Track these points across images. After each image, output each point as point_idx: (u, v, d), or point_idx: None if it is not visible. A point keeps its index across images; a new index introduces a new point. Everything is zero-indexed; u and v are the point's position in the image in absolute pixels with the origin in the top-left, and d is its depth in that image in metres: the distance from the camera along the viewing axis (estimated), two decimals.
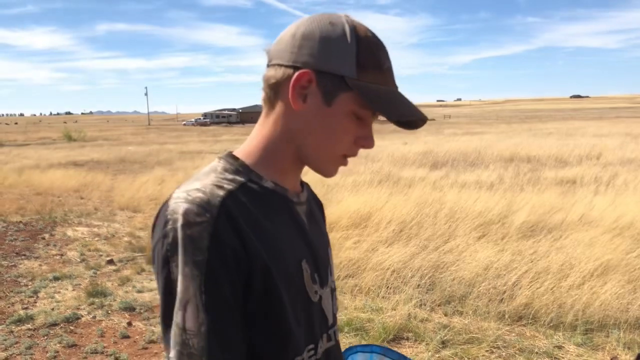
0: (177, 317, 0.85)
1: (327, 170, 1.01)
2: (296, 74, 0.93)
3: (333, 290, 1.11)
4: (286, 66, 0.95)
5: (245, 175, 0.97)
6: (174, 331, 0.85)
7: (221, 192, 0.90)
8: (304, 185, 1.13)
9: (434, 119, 73.08)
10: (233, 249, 0.86)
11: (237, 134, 41.99)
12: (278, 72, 0.96)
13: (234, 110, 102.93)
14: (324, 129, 0.96)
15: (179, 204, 0.87)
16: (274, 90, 0.97)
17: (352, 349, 1.55)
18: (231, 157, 1.00)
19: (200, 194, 0.88)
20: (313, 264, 1.03)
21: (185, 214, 0.85)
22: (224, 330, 0.85)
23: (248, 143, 1.02)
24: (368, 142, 1.00)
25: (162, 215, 0.89)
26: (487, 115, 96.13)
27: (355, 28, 0.94)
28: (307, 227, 1.05)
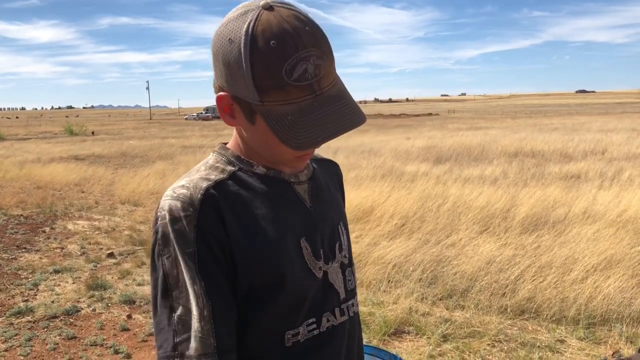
0: (179, 303, 0.91)
1: (289, 167, 1.05)
2: (217, 96, 0.96)
3: (345, 265, 1.12)
4: (216, 84, 0.98)
5: (237, 164, 1.02)
6: (179, 319, 0.91)
7: (205, 184, 0.96)
8: (310, 163, 1.14)
9: (438, 114, 72.93)
10: (218, 238, 0.92)
11: None
12: (215, 86, 0.98)
13: None
14: (259, 141, 0.98)
15: (166, 201, 0.94)
16: None
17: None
18: (223, 148, 1.06)
19: (184, 190, 0.94)
20: (318, 241, 1.05)
21: (171, 210, 0.92)
22: (223, 313, 0.92)
23: (232, 139, 1.07)
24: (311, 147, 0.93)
25: (154, 213, 0.96)
26: (492, 110, 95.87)
27: (253, 39, 0.85)
28: (308, 205, 1.07)
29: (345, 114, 0.90)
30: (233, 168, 1.01)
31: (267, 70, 0.85)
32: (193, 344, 0.89)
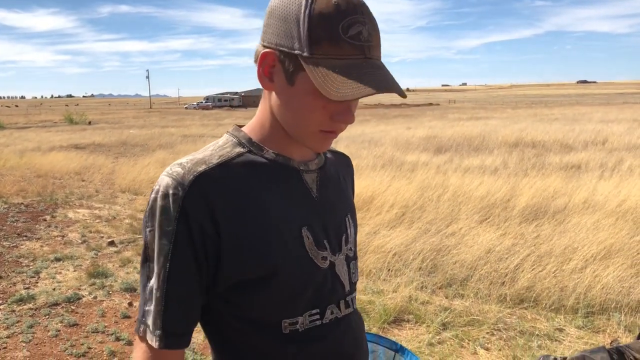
0: (152, 275, 0.94)
1: (311, 145, 1.01)
2: (262, 53, 0.95)
3: (350, 258, 1.11)
4: (261, 45, 0.96)
5: (246, 146, 1.02)
6: (150, 288, 0.94)
7: (201, 168, 0.95)
8: (322, 154, 1.13)
9: (438, 104, 72.77)
10: (200, 224, 0.92)
11: (239, 117, 41.94)
12: (258, 51, 0.97)
13: (236, 93, 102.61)
14: (291, 107, 0.96)
15: (163, 176, 0.95)
16: None
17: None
18: (237, 130, 1.06)
19: (179, 169, 0.94)
20: (321, 231, 1.04)
21: (163, 186, 0.93)
22: (182, 298, 0.94)
23: (254, 119, 1.07)
24: (344, 117, 0.95)
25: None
26: (492, 100, 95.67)
27: None
28: (314, 194, 1.06)
29: (389, 80, 0.90)
30: (242, 149, 1.01)
31: (325, 22, 0.87)
32: (151, 316, 0.94)
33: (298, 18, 0.88)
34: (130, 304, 4.60)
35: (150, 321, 0.93)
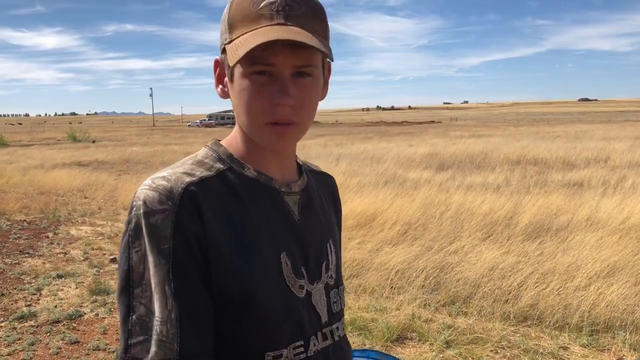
0: (140, 302, 0.85)
1: (264, 142, 0.95)
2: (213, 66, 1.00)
3: (330, 286, 1.05)
4: None
5: (227, 163, 0.97)
6: (137, 319, 0.85)
7: (187, 179, 0.89)
8: (305, 175, 1.08)
9: (440, 122, 72.99)
10: (197, 236, 0.86)
11: None
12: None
13: None
14: (236, 104, 0.94)
15: (142, 190, 0.88)
16: None
17: (356, 352, 1.52)
18: (216, 144, 1.01)
19: (164, 182, 0.88)
20: (300, 258, 0.98)
21: (147, 201, 0.86)
22: (194, 317, 0.85)
23: (235, 129, 1.03)
24: (279, 96, 0.87)
25: (130, 202, 0.89)
26: (494, 118, 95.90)
27: None
28: (296, 218, 1.01)
29: (291, 31, 0.85)
30: (222, 166, 0.95)
31: (239, 5, 0.89)
32: (154, 348, 0.83)
33: (224, 17, 0.92)
34: None
35: (152, 354, 0.83)
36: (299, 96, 0.89)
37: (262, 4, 0.87)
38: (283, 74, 0.87)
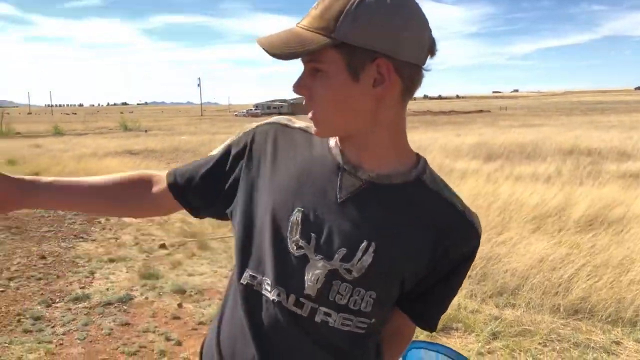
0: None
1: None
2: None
3: (341, 276, 0.99)
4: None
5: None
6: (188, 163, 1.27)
7: (282, 120, 1.17)
8: (409, 180, 1.09)
9: (489, 111, 71.38)
10: (241, 152, 1.15)
11: None
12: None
13: (285, 101, 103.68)
14: None
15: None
16: None
17: (417, 343, 1.49)
18: None
19: (256, 123, 1.20)
20: (314, 225, 1.00)
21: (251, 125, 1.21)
22: (194, 173, 1.19)
23: None
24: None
25: None
26: (545, 107, 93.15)
27: None
28: (337, 194, 1.00)
29: (272, 38, 0.98)
30: (310, 132, 1.11)
31: None
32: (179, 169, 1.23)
33: None
34: (179, 305, 4.69)
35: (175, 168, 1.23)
36: (311, 89, 0.99)
37: None
38: (304, 68, 0.99)
